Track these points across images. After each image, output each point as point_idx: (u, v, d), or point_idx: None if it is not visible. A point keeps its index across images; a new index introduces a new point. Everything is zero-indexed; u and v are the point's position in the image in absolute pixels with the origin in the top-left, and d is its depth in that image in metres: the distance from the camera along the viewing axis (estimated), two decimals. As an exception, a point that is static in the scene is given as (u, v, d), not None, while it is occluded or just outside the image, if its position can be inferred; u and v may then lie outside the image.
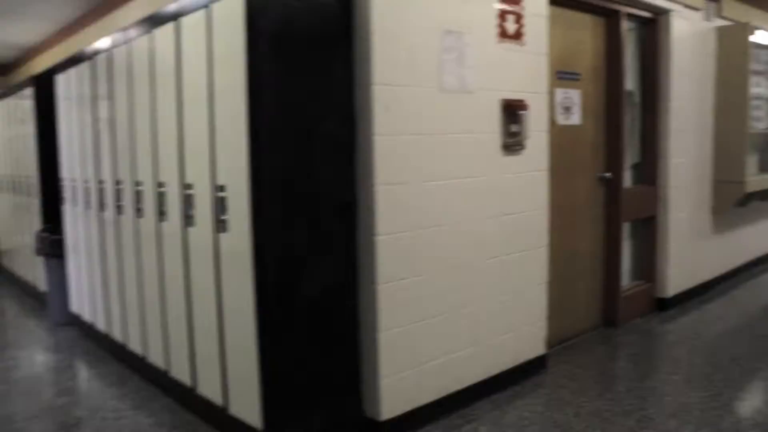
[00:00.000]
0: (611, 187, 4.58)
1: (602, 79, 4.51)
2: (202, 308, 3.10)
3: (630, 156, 4.86)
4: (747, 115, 5.32)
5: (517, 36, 3.53)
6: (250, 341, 2.72)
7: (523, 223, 3.67)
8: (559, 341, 4.25)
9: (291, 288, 2.73)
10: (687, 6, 4.97)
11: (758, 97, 5.76)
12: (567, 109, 4.22)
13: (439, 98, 3.15)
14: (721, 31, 5.42)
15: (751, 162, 5.90)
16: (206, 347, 3.10)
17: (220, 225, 2.88)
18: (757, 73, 5.71)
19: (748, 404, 3.43)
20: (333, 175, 2.86)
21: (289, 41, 2.66)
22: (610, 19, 4.47)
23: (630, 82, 4.77)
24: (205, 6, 2.85)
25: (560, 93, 4.14)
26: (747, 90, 5.30)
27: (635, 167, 4.96)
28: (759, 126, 5.83)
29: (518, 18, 3.52)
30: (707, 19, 5.31)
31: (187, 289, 3.21)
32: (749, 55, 5.29)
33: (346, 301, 2.95)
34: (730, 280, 5.93)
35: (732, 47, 5.34)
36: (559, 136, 4.11)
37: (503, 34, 3.45)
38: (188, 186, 3.12)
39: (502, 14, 3.43)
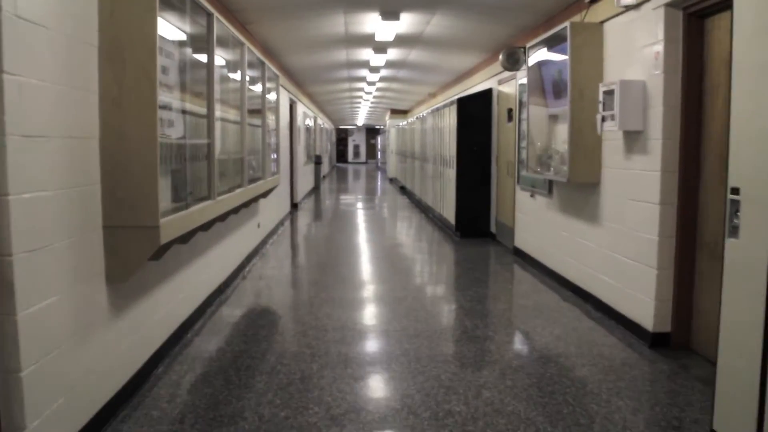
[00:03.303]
0: None
1: None
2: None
3: None
4: (155, 115, 3.12)
5: None
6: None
7: None
8: None
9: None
10: None
11: (165, 86, 3.71)
12: None
13: None
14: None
15: (162, 188, 3.79)
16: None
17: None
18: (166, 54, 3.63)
19: None
20: None
21: None
22: None
23: None
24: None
25: None
26: (156, 71, 3.10)
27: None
28: (170, 133, 3.77)
29: None
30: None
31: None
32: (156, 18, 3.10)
33: None
34: (148, 380, 3.72)
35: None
36: None
37: None
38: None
39: None
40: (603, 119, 4.81)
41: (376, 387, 3.76)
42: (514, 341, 4.65)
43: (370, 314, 5.36)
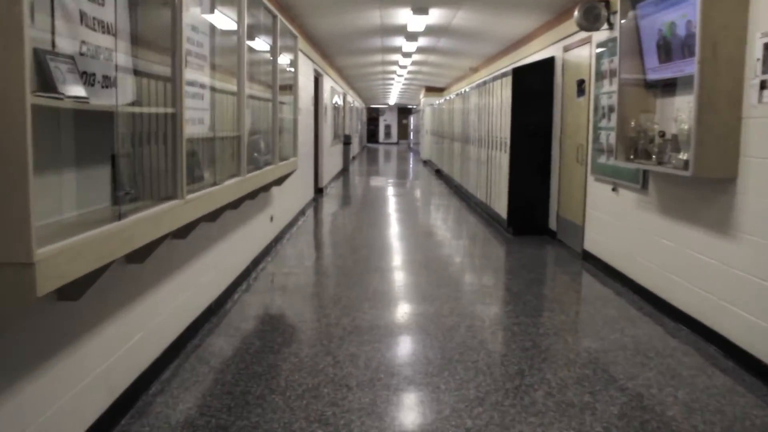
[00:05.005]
0: None
1: None
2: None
3: None
4: (22, 58, 1.68)
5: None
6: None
7: None
8: None
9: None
10: None
11: (98, 21, 2.32)
12: None
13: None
14: None
15: (89, 184, 2.40)
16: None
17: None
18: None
19: None
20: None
21: None
22: None
23: None
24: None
25: None
26: (22, 23, 1.66)
27: None
28: (88, 95, 2.37)
29: None
30: None
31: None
32: None
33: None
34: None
35: None
36: None
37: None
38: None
39: None
40: (763, 85, 3.26)
41: None
42: (627, 413, 3.14)
43: (410, 357, 3.90)
